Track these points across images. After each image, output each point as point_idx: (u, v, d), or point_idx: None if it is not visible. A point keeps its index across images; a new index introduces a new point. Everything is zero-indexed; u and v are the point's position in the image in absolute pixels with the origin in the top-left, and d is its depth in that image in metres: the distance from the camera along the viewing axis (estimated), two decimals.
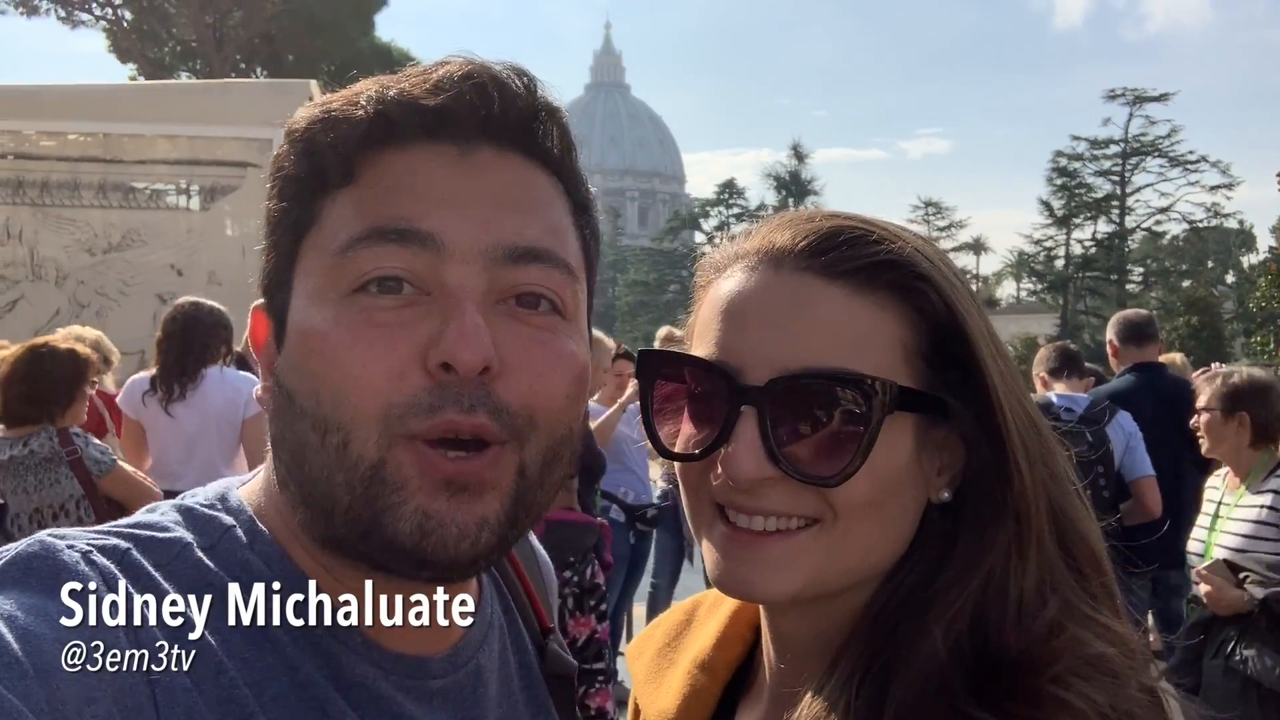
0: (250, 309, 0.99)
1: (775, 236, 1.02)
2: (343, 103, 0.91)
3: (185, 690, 0.78)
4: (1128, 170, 58.15)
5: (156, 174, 11.97)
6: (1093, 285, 58.52)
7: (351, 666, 0.89)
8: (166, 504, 0.94)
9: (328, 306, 0.86)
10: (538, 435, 0.89)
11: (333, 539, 0.88)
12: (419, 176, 0.88)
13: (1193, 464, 6.14)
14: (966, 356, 0.98)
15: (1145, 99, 56.58)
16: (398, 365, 0.84)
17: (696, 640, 1.21)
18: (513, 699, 1.04)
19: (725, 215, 72.26)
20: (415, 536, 0.84)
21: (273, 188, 0.94)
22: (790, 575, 0.97)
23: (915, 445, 0.99)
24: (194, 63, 39.82)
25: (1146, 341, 6.40)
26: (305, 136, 0.91)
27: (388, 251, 0.85)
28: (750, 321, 0.99)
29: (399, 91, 0.89)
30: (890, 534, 1.00)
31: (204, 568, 0.86)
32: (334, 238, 0.88)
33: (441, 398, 0.84)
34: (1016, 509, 0.96)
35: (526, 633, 1.12)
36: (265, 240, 0.95)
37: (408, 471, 0.84)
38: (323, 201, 0.90)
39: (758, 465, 0.95)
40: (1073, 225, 59.51)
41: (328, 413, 0.84)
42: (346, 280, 0.86)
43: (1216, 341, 43.01)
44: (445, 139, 0.90)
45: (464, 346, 0.83)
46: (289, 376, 0.89)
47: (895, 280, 0.98)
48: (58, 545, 0.80)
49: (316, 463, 0.85)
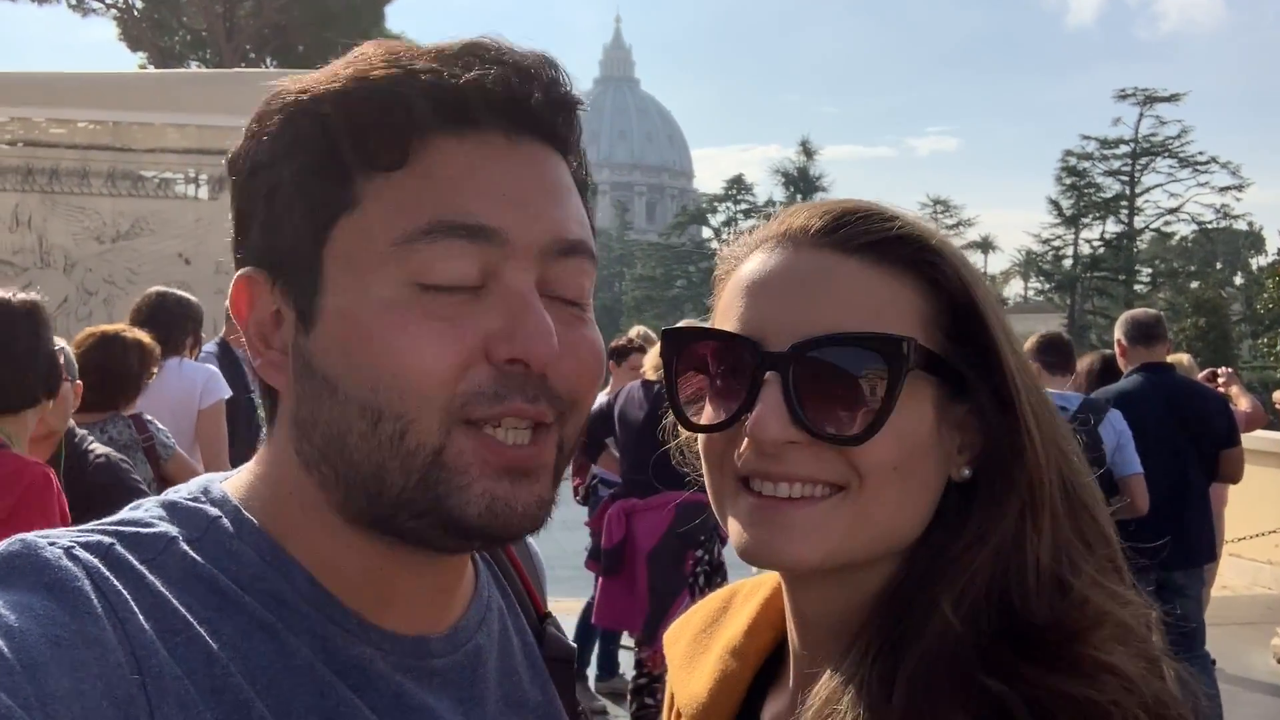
0: (235, 277, 0.94)
1: (792, 220, 1.07)
2: (389, 80, 0.87)
3: (176, 679, 0.77)
4: (1137, 170, 58.05)
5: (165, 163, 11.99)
6: (1100, 285, 58.43)
7: (348, 648, 0.89)
8: (150, 500, 0.93)
9: (384, 296, 0.85)
10: (576, 416, 0.93)
11: (370, 517, 0.88)
12: (479, 169, 0.87)
13: (1199, 464, 6.15)
14: (980, 330, 1.01)
15: (1156, 99, 56.46)
16: (464, 357, 0.85)
17: (730, 627, 1.22)
18: (515, 678, 1.05)
19: (733, 211, 72.25)
20: (486, 518, 0.86)
21: (284, 153, 0.90)
22: (816, 541, 0.99)
23: (936, 415, 1.01)
24: (204, 52, 39.85)
25: (1155, 342, 6.38)
26: (344, 105, 0.87)
27: (456, 247, 0.85)
28: (771, 295, 1.03)
29: (454, 78, 0.87)
30: (913, 505, 1.02)
31: (191, 560, 0.86)
32: (388, 225, 0.86)
33: (507, 388, 0.86)
34: (1029, 479, 0.98)
35: (525, 618, 1.13)
36: (261, 208, 0.91)
37: (469, 457, 0.85)
38: (364, 183, 0.87)
39: (782, 428, 0.97)
40: (1081, 225, 59.42)
41: (383, 403, 0.84)
42: (407, 271, 0.85)
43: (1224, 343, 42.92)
44: (493, 127, 0.89)
45: (539, 344, 0.85)
46: (328, 361, 0.87)
47: (910, 254, 1.01)
48: (39, 543, 0.80)
49: (362, 448, 0.86)
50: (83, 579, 0.78)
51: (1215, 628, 6.55)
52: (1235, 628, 8.57)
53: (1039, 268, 61.17)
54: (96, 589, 0.78)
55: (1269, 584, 10.54)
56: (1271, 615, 8.98)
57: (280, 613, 0.87)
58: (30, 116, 11.95)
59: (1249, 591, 10.46)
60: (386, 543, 0.90)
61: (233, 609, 0.85)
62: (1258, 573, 10.63)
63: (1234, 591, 10.32)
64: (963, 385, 1.01)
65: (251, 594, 0.87)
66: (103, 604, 0.77)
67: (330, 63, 0.93)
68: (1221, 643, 6.90)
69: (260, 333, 0.93)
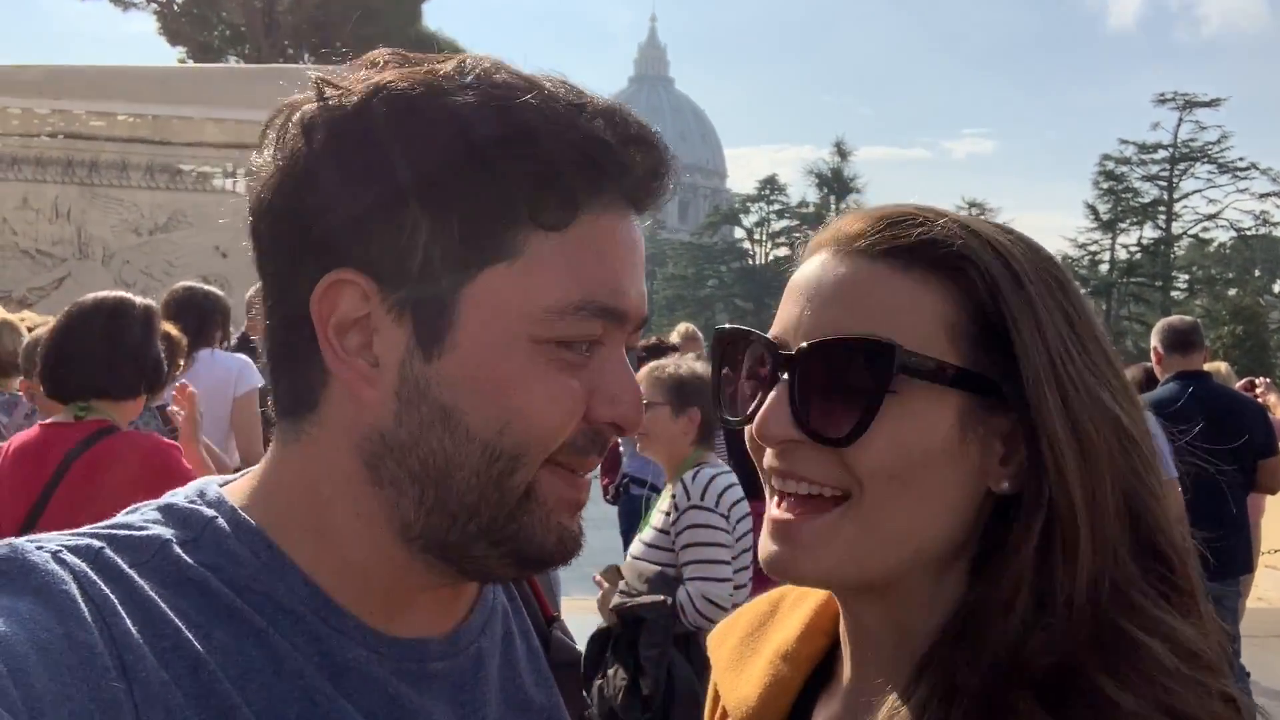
0: (332, 275, 0.87)
1: (840, 226, 1.07)
2: (552, 135, 0.85)
3: (163, 684, 0.77)
4: (1176, 175, 57.47)
5: (203, 156, 12.11)
6: (1137, 291, 57.87)
7: (344, 651, 0.88)
8: (147, 504, 0.93)
9: (528, 350, 0.88)
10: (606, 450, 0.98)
11: (447, 543, 0.90)
12: (617, 245, 0.91)
13: (1237, 474, 6.07)
14: (1009, 340, 0.97)
15: (1196, 104, 55.88)
16: (575, 413, 0.90)
17: (780, 631, 1.22)
18: (518, 682, 1.04)
19: (765, 211, 72.14)
20: (558, 547, 0.93)
21: (430, 168, 0.85)
22: (823, 554, 0.99)
23: (959, 424, 0.98)
24: (242, 47, 40.20)
25: (1191, 350, 6.32)
26: (500, 155, 0.85)
27: (595, 325, 0.89)
28: (798, 300, 1.05)
29: (616, 140, 0.89)
30: (928, 515, 0.99)
31: (183, 563, 0.85)
32: (545, 289, 0.87)
33: (594, 444, 0.93)
34: (1057, 503, 0.94)
35: (531, 621, 1.12)
36: (382, 215, 0.85)
37: (548, 491, 0.91)
38: (526, 235, 0.86)
39: (783, 428, 1.00)
40: (1118, 230, 58.89)
41: (507, 445, 0.87)
42: (548, 333, 0.88)
43: (1261, 351, 42.42)
44: (621, 198, 0.92)
45: (636, 413, 0.93)
46: (450, 394, 0.87)
47: (937, 259, 0.99)
48: (27, 547, 0.79)
49: (470, 482, 0.88)
50: (70, 583, 0.77)
51: (1250, 639, 6.47)
52: (1271, 640, 8.45)
53: (1075, 273, 60.39)
54: (84, 593, 0.77)
55: None
56: None
57: (274, 615, 0.86)
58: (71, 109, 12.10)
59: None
60: (428, 563, 0.91)
61: (224, 613, 0.84)
62: None
63: (1269, 603, 10.19)
64: (996, 393, 0.98)
65: (246, 596, 0.86)
66: (90, 608, 0.77)
67: None
68: (1256, 655, 6.81)
69: (341, 336, 0.88)
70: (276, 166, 0.88)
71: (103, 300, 3.51)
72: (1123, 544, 0.95)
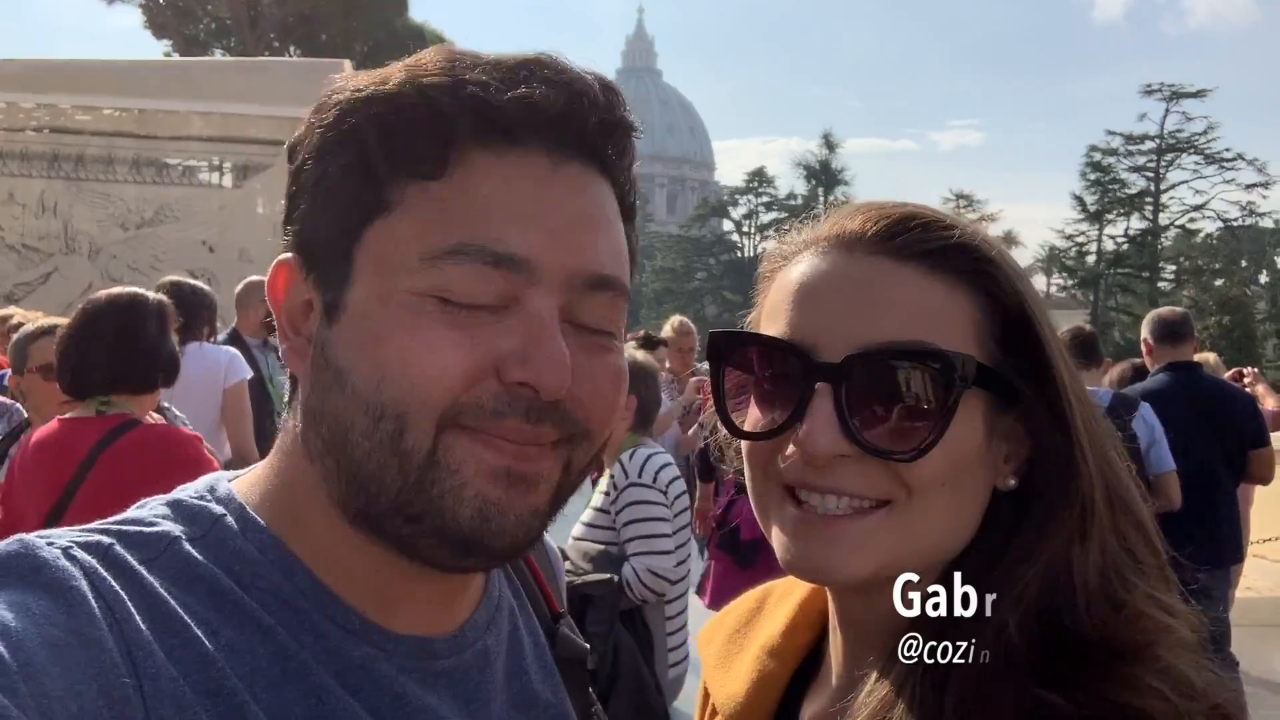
0: (275, 261, 0.95)
1: (846, 223, 1.04)
2: (441, 87, 0.87)
3: (172, 681, 0.77)
4: (1162, 167, 57.58)
5: (190, 150, 12.07)
6: (1124, 282, 57.99)
7: (349, 649, 0.88)
8: (155, 499, 0.93)
9: (404, 302, 0.85)
10: (590, 443, 0.92)
11: (374, 517, 0.88)
12: (514, 191, 0.86)
13: (1227, 464, 6.09)
14: (1033, 343, 0.99)
15: (1183, 95, 55.98)
16: (472, 370, 0.84)
17: (766, 627, 1.21)
18: (524, 679, 1.04)
19: (754, 204, 72.11)
20: (476, 522, 0.85)
21: (334, 151, 0.90)
22: (865, 556, 0.97)
23: (986, 428, 0.99)
24: (228, 40, 40.04)
25: (1181, 341, 6.33)
26: (391, 109, 0.87)
27: (480, 271, 0.85)
28: (823, 301, 1.00)
29: (504, 93, 0.86)
30: (961, 518, 1.00)
31: (192, 560, 0.85)
32: (418, 238, 0.85)
33: (509, 407, 0.85)
34: (1081, 496, 0.97)
35: (537, 617, 1.12)
36: (307, 197, 0.91)
37: (462, 455, 0.85)
38: (404, 187, 0.87)
39: (833, 442, 0.95)
40: (1105, 221, 59.00)
41: (387, 401, 0.84)
42: (429, 284, 0.85)
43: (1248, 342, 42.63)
44: (537, 148, 0.88)
45: (551, 373, 0.84)
46: (342, 354, 0.87)
47: (966, 264, 0.99)
48: (37, 543, 0.80)
49: (363, 445, 0.86)
50: (80, 579, 0.78)
51: (1239, 629, 6.49)
52: (1260, 629, 8.49)
53: (1062, 264, 60.73)
54: (94, 589, 0.78)
55: None
56: None
57: (281, 612, 0.87)
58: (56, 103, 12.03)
59: (1273, 593, 10.36)
60: (383, 548, 0.90)
61: (232, 610, 0.84)
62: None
63: (1258, 593, 10.23)
64: (1013, 395, 0.99)
65: (253, 594, 0.86)
66: (100, 605, 0.77)
67: (353, 51, 0.92)
68: (1245, 644, 6.83)
69: (291, 319, 0.94)
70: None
71: (117, 296, 3.57)
72: (1110, 526, 0.98)
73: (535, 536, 0.90)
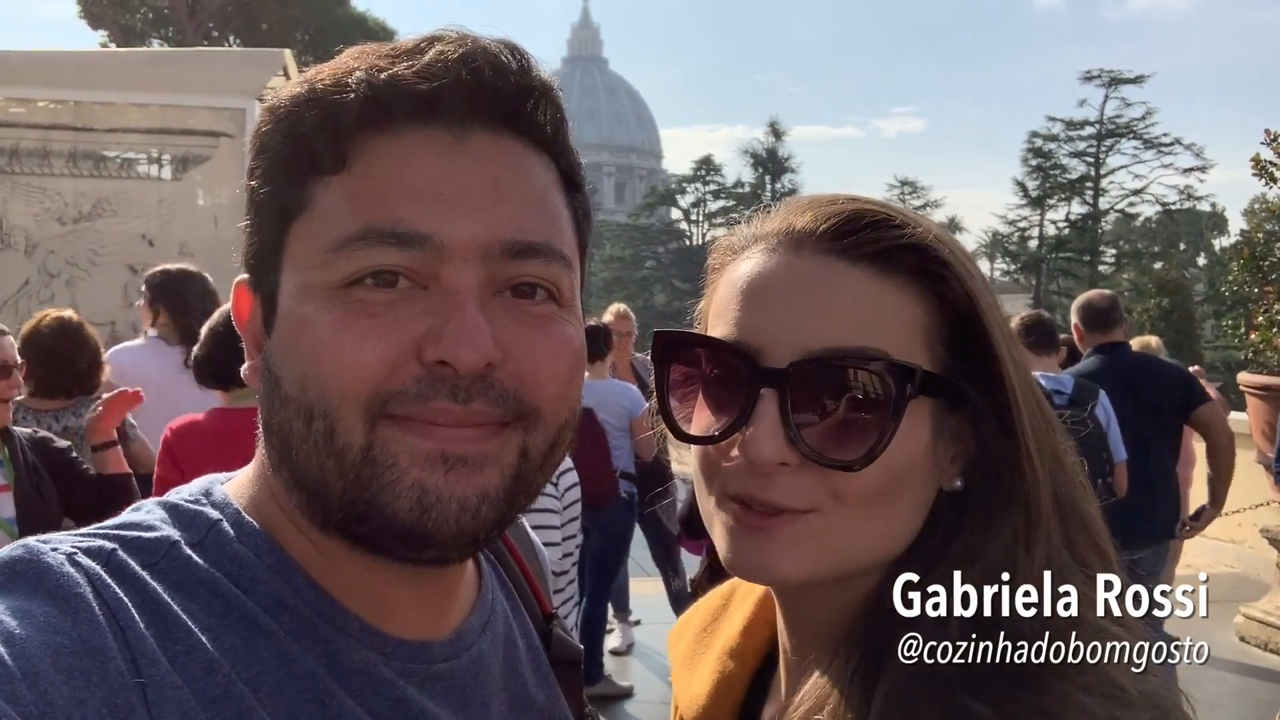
0: (233, 284, 0.97)
1: (796, 219, 1.01)
2: (331, 82, 0.86)
3: (177, 688, 0.76)
4: (1102, 152, 58.47)
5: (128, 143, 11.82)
6: (1065, 266, 58.83)
7: (350, 653, 0.88)
8: (150, 502, 0.92)
9: (319, 296, 0.85)
10: (544, 423, 0.89)
11: (330, 522, 0.87)
12: (414, 168, 0.85)
13: (1161, 438, 6.17)
14: (983, 345, 0.97)
15: (1122, 80, 56.83)
16: (391, 356, 0.83)
17: (728, 626, 1.20)
18: (520, 681, 1.04)
19: (702, 192, 72.19)
20: (415, 513, 0.83)
21: (255, 166, 0.91)
22: (802, 556, 0.96)
23: (932, 432, 0.98)
24: (166, 30, 39.36)
25: (1110, 327, 6.37)
26: (291, 115, 0.88)
27: (385, 254, 0.84)
28: (771, 302, 0.98)
29: (390, 74, 0.85)
30: (903, 520, 0.99)
31: (193, 565, 0.85)
32: (326, 231, 0.85)
33: (433, 389, 0.83)
34: (1026, 502, 0.95)
35: (530, 620, 1.11)
36: (249, 218, 0.92)
37: (395, 447, 0.83)
38: (312, 186, 0.87)
39: (777, 449, 0.94)
40: (1047, 206, 59.81)
41: (313, 400, 0.84)
42: (339, 274, 0.84)
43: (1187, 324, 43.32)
44: (437, 122, 0.86)
45: (464, 346, 0.82)
46: (277, 361, 0.87)
47: (917, 264, 0.97)
48: (42, 549, 0.79)
49: (303, 449, 0.85)
50: (84, 586, 0.77)
51: None
52: None
53: (1005, 249, 61.50)
54: (98, 596, 0.77)
55: (1232, 563, 10.70)
56: (1234, 594, 9.10)
57: (282, 618, 0.86)
58: None
59: (1212, 570, 10.61)
60: (361, 550, 0.89)
61: (235, 615, 0.84)
62: (1221, 552, 10.77)
63: (1197, 570, 10.46)
64: (961, 397, 0.98)
65: (254, 599, 0.86)
66: (104, 611, 0.76)
67: (294, 40, 0.92)
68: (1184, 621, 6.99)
69: (251, 338, 0.94)
70: None
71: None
72: (1057, 531, 0.96)
73: (492, 523, 0.87)
